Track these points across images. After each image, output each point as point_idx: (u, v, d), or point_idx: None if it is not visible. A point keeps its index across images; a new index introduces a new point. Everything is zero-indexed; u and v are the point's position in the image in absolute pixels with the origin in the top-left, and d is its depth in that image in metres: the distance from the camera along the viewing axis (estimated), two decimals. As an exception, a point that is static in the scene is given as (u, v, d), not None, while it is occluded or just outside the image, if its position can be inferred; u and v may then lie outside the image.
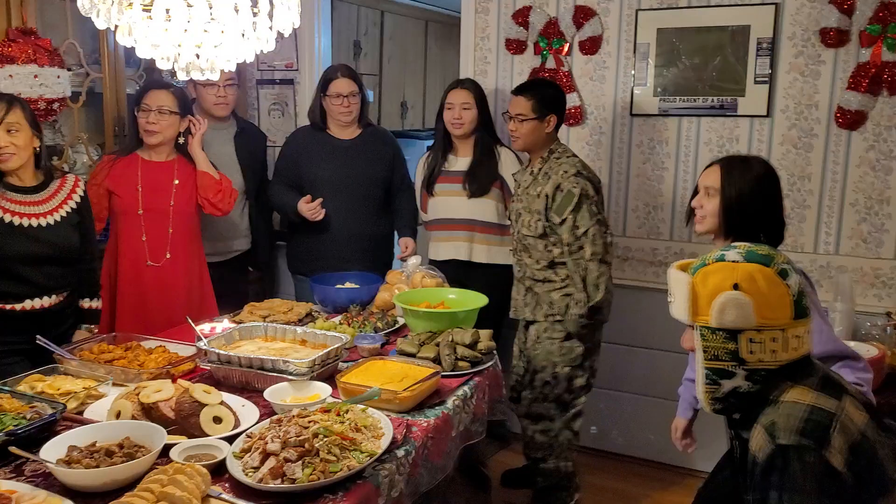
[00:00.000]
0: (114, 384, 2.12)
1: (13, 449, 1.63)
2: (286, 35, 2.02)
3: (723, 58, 3.44)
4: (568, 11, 3.69)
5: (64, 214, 2.59)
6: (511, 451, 3.71)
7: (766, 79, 3.38)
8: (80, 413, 1.95)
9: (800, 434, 1.44)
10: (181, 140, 3.06)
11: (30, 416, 1.80)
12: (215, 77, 1.93)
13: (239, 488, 1.60)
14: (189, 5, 1.71)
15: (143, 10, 1.71)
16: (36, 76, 3.03)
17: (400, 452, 1.83)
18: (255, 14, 1.85)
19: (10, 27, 3.03)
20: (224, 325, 2.56)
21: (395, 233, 3.70)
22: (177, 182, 3.03)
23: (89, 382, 2.09)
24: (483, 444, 2.73)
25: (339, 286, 3.03)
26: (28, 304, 2.50)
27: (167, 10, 1.71)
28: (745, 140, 3.47)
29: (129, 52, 3.58)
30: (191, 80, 3.40)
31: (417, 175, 3.69)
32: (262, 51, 1.97)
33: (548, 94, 3.07)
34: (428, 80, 6.73)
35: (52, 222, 2.54)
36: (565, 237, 2.92)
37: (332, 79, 3.45)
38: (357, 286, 3.03)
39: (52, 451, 1.65)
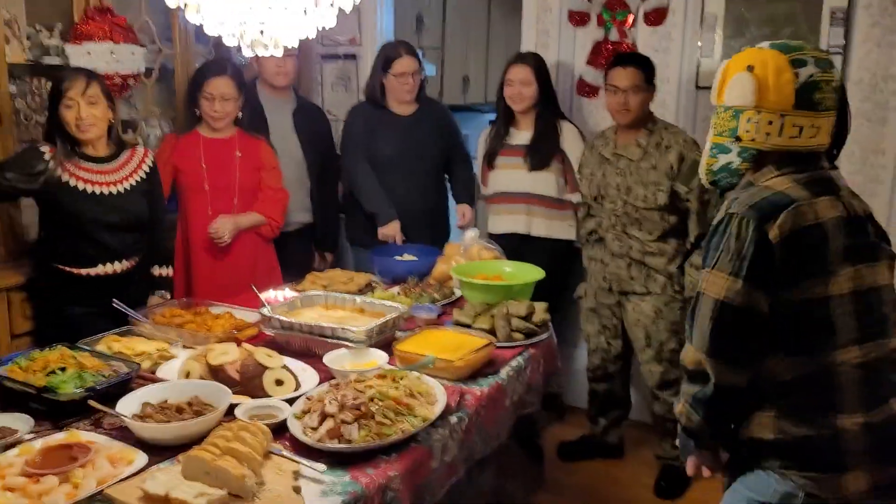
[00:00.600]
0: (183, 346, 2.23)
1: (92, 403, 1.75)
2: (347, 12, 2.06)
3: (794, 28, 3.34)
4: (633, -18, 3.63)
5: (134, 183, 2.72)
6: (567, 423, 3.74)
7: (840, 50, 3.27)
8: (153, 372, 2.06)
9: (750, 207, 1.53)
10: (240, 115, 3.15)
11: (108, 374, 1.92)
12: (279, 53, 1.99)
13: (298, 447, 1.68)
14: (254, -17, 1.77)
15: (211, -13, 1.77)
16: (112, 52, 3.15)
17: (453, 419, 1.88)
18: (316, -10, 1.89)
19: (88, 6, 3.15)
20: (286, 293, 2.65)
21: (454, 202, 3.74)
22: (239, 155, 3.12)
23: (161, 344, 2.21)
24: (538, 416, 2.77)
25: (397, 258, 3.09)
26: (101, 268, 2.64)
27: (233, -12, 1.77)
28: (815, 113, 3.37)
29: (199, 29, 3.73)
30: None
31: (479, 149, 3.71)
32: (323, 27, 2.02)
33: (649, 64, 3.13)
34: (491, 53, 6.69)
35: (122, 190, 2.67)
36: (694, 206, 2.95)
37: (394, 57, 3.48)
38: (415, 258, 3.09)
39: (127, 407, 1.76)
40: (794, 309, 1.53)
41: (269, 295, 2.60)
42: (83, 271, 2.65)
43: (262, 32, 1.90)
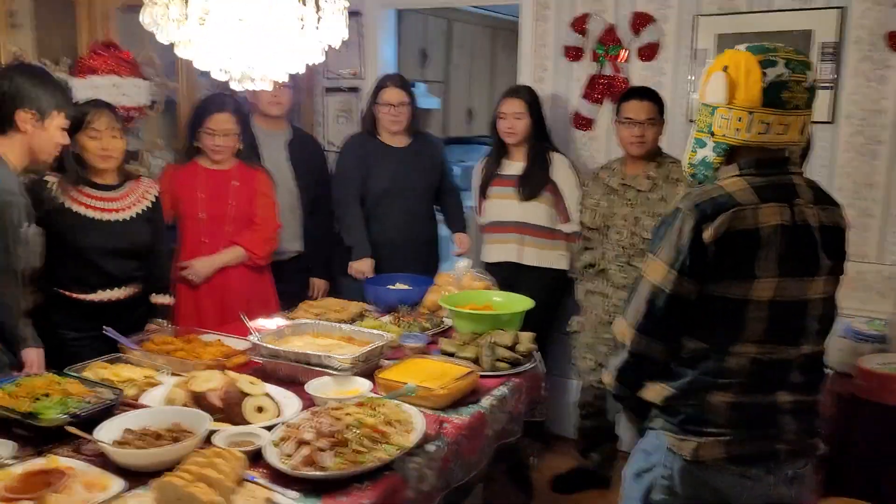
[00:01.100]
0: (172, 374, 2.26)
1: (70, 429, 1.78)
2: (336, 47, 2.12)
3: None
4: (626, 18, 3.70)
5: (139, 212, 2.80)
6: (556, 454, 3.74)
7: (830, 84, 3.31)
8: (137, 399, 2.09)
9: (695, 206, 1.65)
10: (241, 147, 3.21)
11: (92, 401, 1.95)
12: (268, 87, 2.05)
13: (274, 474, 1.70)
14: (240, 20, 1.83)
15: (200, 23, 1.84)
16: (116, 86, 3.24)
17: (431, 447, 1.90)
18: (302, 28, 1.95)
19: (94, 41, 3.24)
20: (278, 321, 2.68)
21: (449, 232, 3.80)
22: (236, 184, 3.18)
23: (149, 371, 2.25)
24: (526, 447, 2.78)
25: (390, 287, 3.13)
26: (100, 294, 2.70)
27: (220, 26, 1.83)
28: (811, 145, 3.40)
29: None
30: None
31: (474, 180, 3.77)
32: (312, 63, 2.08)
33: (660, 98, 3.20)
34: (495, 87, 6.78)
35: (126, 218, 2.75)
36: None
37: (382, 87, 3.57)
38: (408, 287, 3.12)
39: (108, 433, 1.79)
40: (713, 303, 1.66)
41: (259, 323, 2.63)
42: (84, 297, 2.71)
43: (251, 67, 1.95)
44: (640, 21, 3.67)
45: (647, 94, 3.20)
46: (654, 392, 1.76)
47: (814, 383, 1.77)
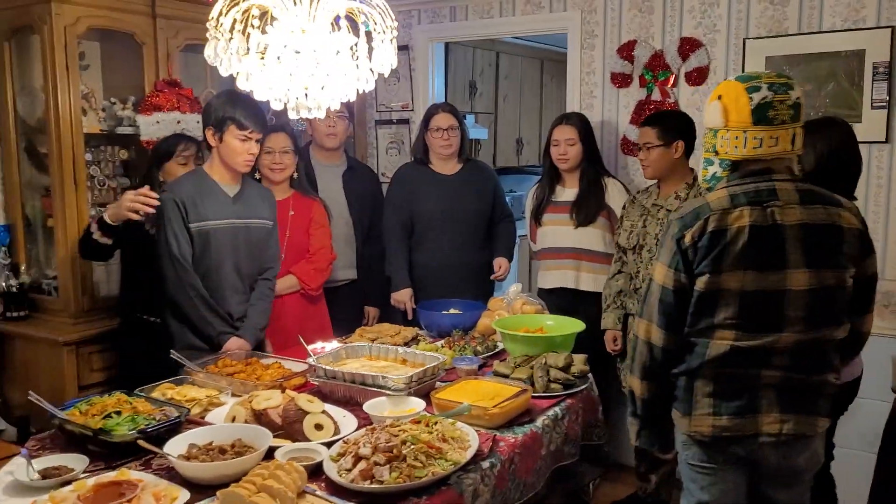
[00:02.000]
0: (232, 395, 2.34)
1: (141, 442, 1.86)
2: (385, 75, 2.20)
3: (836, 84, 3.37)
4: (673, 44, 3.73)
5: None
6: (619, 483, 3.70)
7: (884, 104, 3.28)
8: (202, 417, 2.17)
9: (679, 217, 2.00)
10: (295, 175, 3.31)
11: (158, 418, 2.03)
12: (321, 115, 2.12)
13: (333, 487, 1.75)
14: (297, 52, 1.92)
15: (259, 57, 1.93)
16: (179, 122, 3.39)
17: (485, 464, 1.92)
18: (354, 57, 2.04)
19: (158, 79, 3.40)
20: (334, 345, 2.74)
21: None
22: (292, 213, 3.27)
23: (212, 392, 2.32)
24: (582, 471, 2.77)
25: (443, 312, 3.17)
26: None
27: (278, 57, 1.92)
28: (864, 167, 3.35)
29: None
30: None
31: (527, 206, 3.81)
32: (363, 90, 2.15)
33: (672, 122, 3.20)
34: (544, 116, 6.86)
35: None
36: None
37: (432, 114, 3.65)
38: (460, 312, 3.16)
39: (175, 448, 1.86)
40: (695, 295, 1.96)
41: (316, 346, 2.70)
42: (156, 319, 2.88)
43: (305, 96, 2.04)
44: (688, 46, 3.69)
45: (648, 121, 3.23)
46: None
47: (811, 365, 1.96)
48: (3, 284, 3.28)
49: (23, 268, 3.35)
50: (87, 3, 3.12)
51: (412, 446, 1.80)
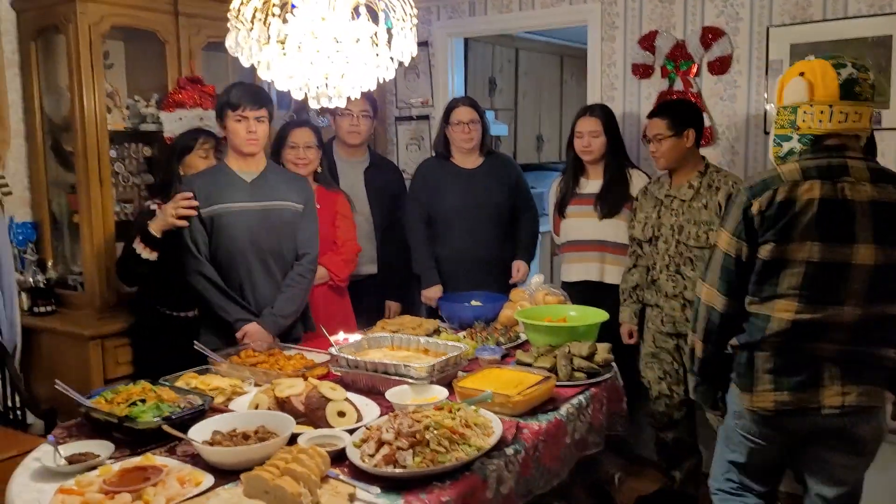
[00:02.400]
0: (255, 384, 2.34)
1: (166, 427, 1.87)
2: (406, 64, 2.20)
3: (862, 70, 3.32)
4: (695, 33, 3.69)
5: None
6: (644, 478, 3.66)
7: (913, 91, 3.22)
8: (226, 406, 2.18)
9: (748, 186, 2.05)
10: (319, 169, 3.32)
11: (183, 405, 2.04)
12: (342, 103, 2.13)
13: (356, 472, 1.75)
14: (315, 37, 1.93)
15: (279, 43, 1.94)
16: (201, 118, 3.41)
17: (509, 450, 1.91)
18: (374, 46, 2.04)
19: (181, 77, 3.43)
20: (356, 337, 2.74)
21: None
22: (318, 206, 3.27)
23: (235, 381, 2.33)
24: (607, 463, 2.75)
25: (465, 304, 3.16)
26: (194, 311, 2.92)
27: (298, 46, 1.93)
28: (893, 154, 3.29)
29: (281, 96, 4.00)
30: (331, 112, 3.70)
31: (550, 199, 3.78)
32: (383, 79, 2.15)
33: (680, 111, 3.18)
34: (564, 113, 6.83)
35: None
36: None
37: (453, 108, 3.64)
38: (482, 304, 3.15)
39: (199, 434, 1.87)
40: (759, 263, 2.02)
41: (338, 337, 2.70)
42: (180, 313, 2.99)
43: (326, 85, 2.04)
44: (711, 35, 3.65)
45: (657, 112, 3.22)
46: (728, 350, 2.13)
47: (870, 340, 2.01)
48: (31, 280, 3.32)
49: (49, 263, 3.39)
50: (111, 2, 3.15)
51: (435, 431, 1.79)
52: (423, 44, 4.59)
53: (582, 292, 3.38)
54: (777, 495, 2.34)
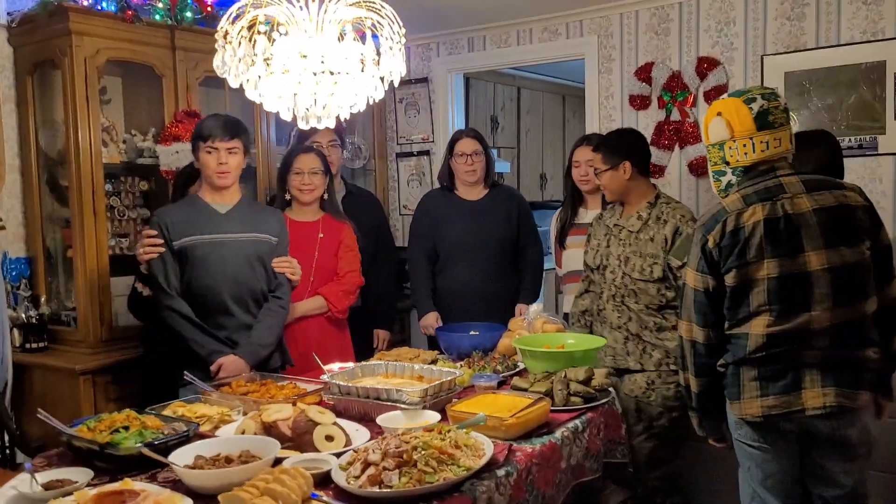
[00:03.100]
0: (244, 413, 2.28)
1: (145, 451, 1.81)
2: (396, 84, 2.19)
3: (858, 96, 3.32)
4: (691, 63, 3.71)
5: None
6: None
7: (909, 114, 3.21)
8: (213, 433, 2.11)
9: (701, 224, 2.24)
10: (325, 196, 3.30)
11: (167, 432, 1.99)
12: (331, 124, 2.12)
13: (341, 495, 1.68)
14: (303, 56, 1.92)
15: (265, 62, 1.94)
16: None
17: (500, 472, 1.84)
18: (362, 65, 2.03)
19: (178, 111, 3.45)
20: (350, 365, 2.69)
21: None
22: (321, 236, 3.25)
23: (224, 409, 2.28)
24: (609, 493, 2.66)
25: (463, 334, 3.11)
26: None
27: (284, 65, 1.92)
28: (890, 178, 3.28)
29: (279, 133, 4.01)
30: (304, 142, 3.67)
31: (551, 231, 3.75)
32: (373, 99, 2.15)
33: (614, 143, 3.06)
34: (567, 151, 6.81)
35: None
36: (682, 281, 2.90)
37: (457, 139, 3.64)
38: (479, 333, 3.09)
39: (180, 458, 1.81)
40: (728, 290, 2.17)
41: (333, 366, 2.65)
42: None
43: (314, 103, 2.03)
44: (706, 65, 3.67)
45: (596, 146, 3.19)
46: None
47: (849, 342, 2.10)
48: (24, 316, 3.29)
49: (43, 299, 3.36)
50: (107, 36, 3.18)
51: (423, 452, 1.73)
52: (422, 80, 4.63)
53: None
54: None
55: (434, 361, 2.93)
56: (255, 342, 2.76)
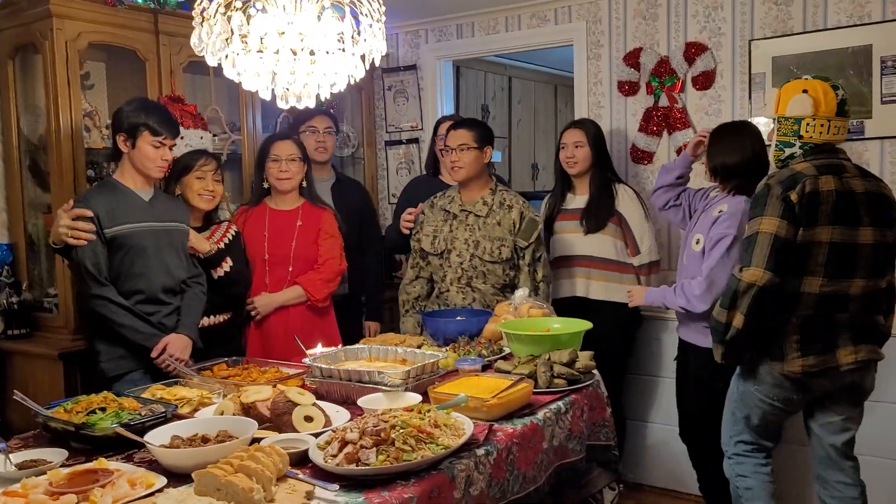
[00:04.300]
0: (224, 396, 2.26)
1: (120, 430, 1.79)
2: (377, 64, 2.17)
3: (845, 80, 3.30)
4: (679, 49, 3.69)
5: (221, 247, 3.02)
6: (638, 502, 3.56)
7: (895, 98, 3.20)
8: (192, 415, 2.09)
9: (778, 181, 2.38)
10: (304, 184, 3.27)
11: (144, 413, 1.97)
12: (311, 104, 2.09)
13: (318, 473, 1.66)
14: (281, 33, 1.90)
15: (241, 38, 1.91)
16: (182, 137, 3.37)
17: (480, 451, 1.83)
18: (341, 42, 2.01)
19: (161, 95, 3.41)
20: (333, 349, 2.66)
21: None
22: (300, 224, 3.22)
23: (204, 392, 2.25)
24: (594, 477, 2.65)
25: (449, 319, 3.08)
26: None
27: (261, 39, 1.90)
28: (877, 162, 3.27)
29: (265, 119, 3.98)
30: (296, 130, 3.65)
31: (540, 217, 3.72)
32: (353, 78, 2.12)
33: (482, 128, 3.25)
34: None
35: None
36: (527, 260, 3.15)
37: (440, 123, 3.62)
38: (465, 318, 3.07)
39: (157, 438, 1.79)
40: (796, 246, 2.35)
41: (316, 350, 2.63)
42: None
43: (293, 82, 2.01)
44: (694, 50, 3.65)
45: (465, 124, 3.26)
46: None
47: (870, 308, 2.46)
48: (5, 302, 3.26)
49: (24, 286, 3.33)
50: (89, 20, 3.14)
51: (401, 430, 1.71)
52: (411, 67, 4.61)
53: (569, 309, 3.30)
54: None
55: (419, 347, 2.91)
56: (193, 322, 2.79)
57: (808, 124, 2.41)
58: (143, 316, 2.68)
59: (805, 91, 2.41)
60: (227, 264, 3.00)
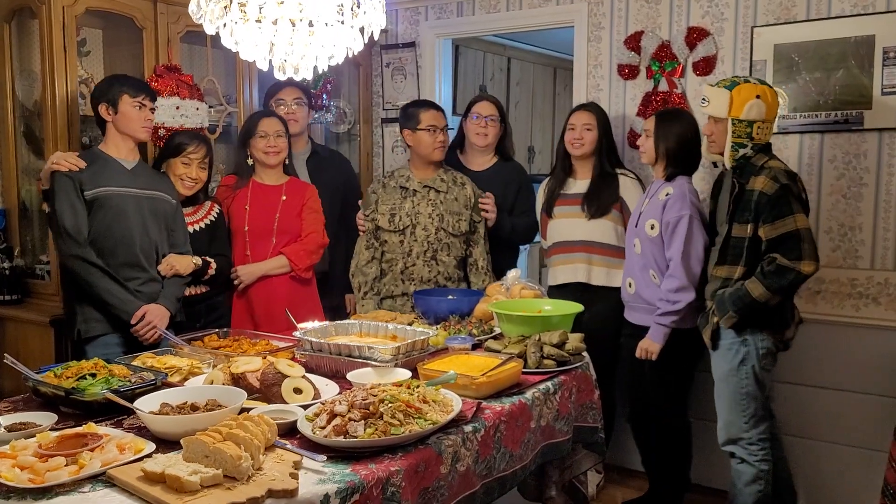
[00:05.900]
0: (214, 366, 2.27)
1: (110, 396, 1.80)
2: (376, 37, 2.15)
3: (846, 70, 3.29)
4: (680, 33, 3.67)
5: (203, 226, 3.06)
6: (624, 486, 3.58)
7: (895, 90, 3.19)
8: (181, 384, 2.10)
9: (787, 177, 2.67)
10: (287, 162, 3.28)
11: (134, 380, 1.97)
12: (308, 75, 2.08)
13: (306, 444, 1.67)
14: (280, 3, 1.88)
15: (240, 7, 1.89)
16: (178, 108, 3.36)
17: (468, 428, 1.84)
18: (340, 14, 1.99)
19: (158, 65, 3.39)
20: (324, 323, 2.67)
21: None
22: (284, 198, 3.24)
23: (194, 361, 2.26)
24: (580, 459, 2.67)
25: (441, 298, 3.09)
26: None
27: (260, 9, 1.88)
28: (874, 154, 3.26)
29: (262, 93, 3.95)
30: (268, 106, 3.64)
31: (538, 200, 3.70)
32: (352, 51, 2.11)
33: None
34: (557, 125, 6.78)
35: (191, 231, 3.03)
36: (481, 233, 3.46)
37: (475, 101, 3.75)
38: (457, 297, 3.08)
39: (146, 405, 1.80)
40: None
41: (306, 324, 2.63)
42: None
43: (291, 53, 1.99)
44: (696, 35, 3.63)
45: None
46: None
47: None
48: (-2, 268, 3.26)
49: (17, 252, 3.32)
50: (86, -16, 3.12)
51: (390, 405, 1.72)
52: (410, 44, 4.57)
53: (569, 296, 3.28)
54: None
55: (410, 324, 2.92)
56: (173, 295, 2.83)
57: (759, 127, 2.71)
58: (121, 280, 2.70)
59: (758, 97, 2.69)
60: (213, 269, 3.02)
